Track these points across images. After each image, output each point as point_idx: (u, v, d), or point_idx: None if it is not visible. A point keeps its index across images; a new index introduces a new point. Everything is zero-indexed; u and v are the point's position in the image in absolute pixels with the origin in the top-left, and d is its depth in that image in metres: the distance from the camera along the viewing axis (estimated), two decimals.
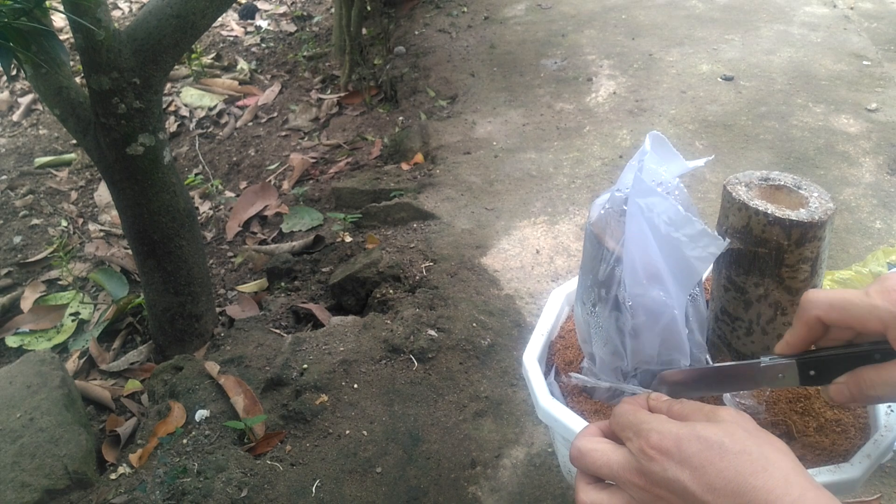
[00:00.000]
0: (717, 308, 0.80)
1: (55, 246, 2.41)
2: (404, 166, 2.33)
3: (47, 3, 1.19)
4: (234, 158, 2.81)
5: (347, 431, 1.33)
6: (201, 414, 1.38)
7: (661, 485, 0.52)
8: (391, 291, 1.72)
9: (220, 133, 2.99)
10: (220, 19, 3.70)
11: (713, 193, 1.96)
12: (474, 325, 1.54)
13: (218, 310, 1.91)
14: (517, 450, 1.29)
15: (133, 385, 1.78)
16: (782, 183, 0.75)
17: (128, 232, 1.67)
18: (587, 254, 0.77)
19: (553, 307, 0.95)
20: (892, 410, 0.74)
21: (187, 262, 1.69)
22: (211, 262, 2.26)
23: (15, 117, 3.23)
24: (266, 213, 2.40)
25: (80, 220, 2.61)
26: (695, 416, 0.56)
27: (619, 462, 0.56)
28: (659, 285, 0.69)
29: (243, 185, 2.63)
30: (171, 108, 3.12)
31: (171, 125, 3.04)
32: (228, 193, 2.60)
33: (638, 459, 0.54)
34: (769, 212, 0.69)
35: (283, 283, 1.96)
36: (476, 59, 2.90)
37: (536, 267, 1.76)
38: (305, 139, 2.83)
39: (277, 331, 1.73)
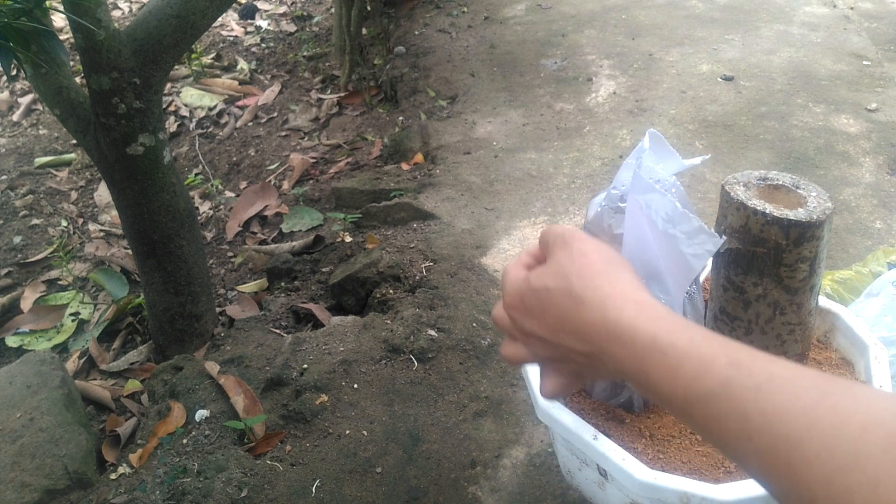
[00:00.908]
0: (715, 308, 0.80)
1: (55, 246, 2.41)
2: (404, 166, 2.33)
3: (47, 3, 1.19)
4: (234, 158, 2.81)
5: (347, 431, 1.33)
6: (201, 414, 1.38)
7: (527, 335, 0.56)
8: (391, 291, 1.72)
9: (220, 133, 2.99)
10: (220, 19, 3.70)
11: (713, 193, 1.96)
12: (474, 325, 1.54)
13: (218, 310, 1.91)
14: (517, 450, 1.29)
15: (133, 385, 1.78)
16: (781, 183, 0.75)
17: (128, 232, 1.67)
18: None
19: None
20: None
21: (187, 262, 1.69)
22: (211, 262, 2.26)
23: (15, 117, 3.23)
24: (266, 213, 2.40)
25: (80, 220, 2.61)
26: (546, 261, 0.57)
27: (503, 318, 0.59)
28: (657, 284, 0.69)
29: (243, 185, 2.63)
30: (171, 108, 3.12)
31: (171, 125, 3.04)
32: (228, 193, 2.60)
33: (511, 319, 0.58)
34: (767, 211, 0.69)
35: (283, 283, 1.96)
36: (476, 59, 2.90)
37: None
38: (305, 139, 2.83)
39: (277, 331, 1.73)
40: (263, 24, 3.84)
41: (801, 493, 0.37)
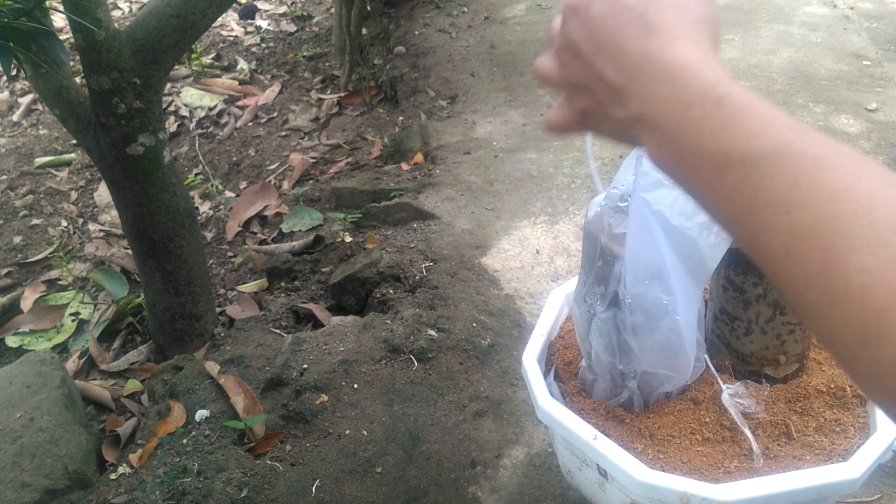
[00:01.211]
0: (715, 308, 0.80)
1: (55, 246, 2.41)
2: (404, 166, 2.33)
3: (47, 3, 1.19)
4: (234, 158, 2.81)
5: (347, 431, 1.33)
6: (201, 414, 1.38)
7: (565, 46, 0.50)
8: (391, 291, 1.72)
9: (220, 133, 2.99)
10: (220, 19, 3.70)
11: None
12: (474, 325, 1.54)
13: (218, 310, 1.91)
14: (517, 450, 1.29)
15: (133, 385, 1.78)
16: None
17: (128, 232, 1.67)
18: (585, 252, 0.77)
19: (553, 307, 0.95)
20: None
21: (187, 262, 1.69)
22: (211, 262, 2.26)
23: (15, 117, 3.23)
24: (266, 213, 2.40)
25: (80, 220, 2.61)
26: None
27: (557, 39, 0.53)
28: (662, 286, 0.68)
29: (243, 185, 2.63)
30: (171, 108, 3.12)
31: (171, 125, 3.04)
32: (228, 193, 2.60)
33: (561, 31, 0.52)
34: None
35: (283, 283, 1.96)
36: (476, 59, 2.90)
37: (536, 267, 1.76)
38: (305, 139, 2.83)
39: (277, 331, 1.73)
40: (263, 24, 3.84)
41: (830, 282, 0.33)
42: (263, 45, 3.61)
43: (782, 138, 0.37)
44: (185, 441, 1.33)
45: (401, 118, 2.68)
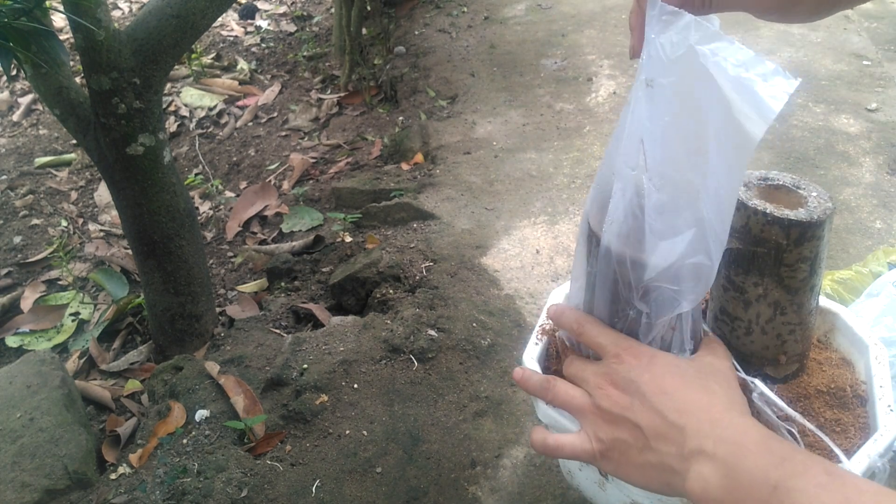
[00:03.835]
0: (716, 308, 0.80)
1: (55, 246, 2.41)
2: (404, 166, 2.33)
3: (47, 3, 1.19)
4: (234, 158, 2.81)
5: (347, 431, 1.33)
6: (201, 414, 1.38)
7: (617, 384, 0.59)
8: (391, 291, 1.72)
9: (220, 133, 2.99)
10: (220, 19, 3.70)
11: None
12: (474, 325, 1.54)
13: (218, 310, 1.91)
14: (517, 450, 1.29)
15: (133, 385, 1.78)
16: (781, 182, 0.75)
17: (128, 232, 1.67)
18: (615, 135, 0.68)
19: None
20: (892, 410, 0.74)
21: (187, 262, 1.69)
22: (211, 262, 2.26)
23: (15, 117, 3.23)
24: (266, 213, 2.40)
25: (80, 220, 2.61)
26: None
27: (593, 370, 0.63)
28: (696, 162, 0.62)
29: (243, 185, 2.63)
30: (171, 108, 3.12)
31: (171, 125, 3.04)
32: (228, 193, 2.60)
33: (607, 364, 0.60)
34: (768, 211, 0.69)
35: (283, 283, 1.96)
36: (476, 59, 2.90)
37: (536, 267, 1.76)
38: (305, 139, 2.83)
39: (277, 331, 1.73)
40: (263, 24, 3.84)
41: None
42: (263, 45, 3.61)
43: (819, 479, 0.47)
44: (185, 441, 1.33)
45: (401, 118, 2.68)
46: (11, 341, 1.99)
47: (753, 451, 0.51)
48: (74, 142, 3.00)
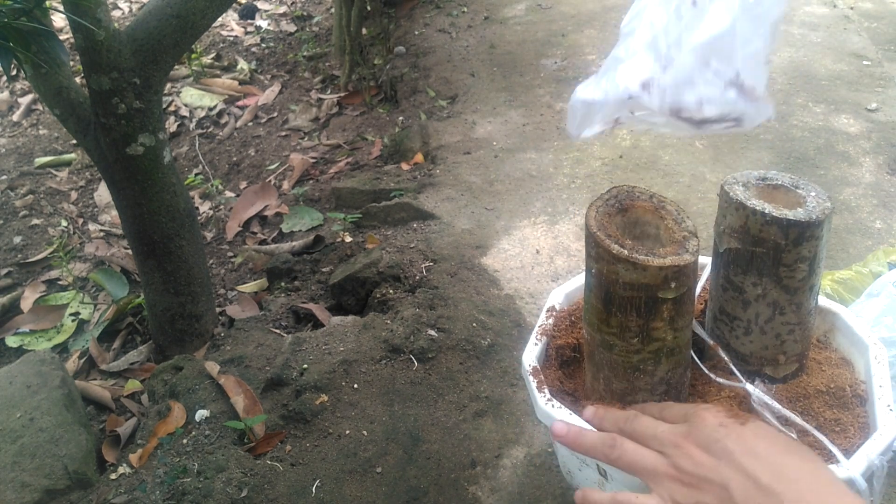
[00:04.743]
0: (715, 308, 0.80)
1: (55, 246, 2.41)
2: (404, 166, 2.33)
3: (47, 3, 1.19)
4: (234, 158, 2.81)
5: (347, 431, 1.33)
6: (201, 414, 1.38)
7: (708, 449, 0.54)
8: (391, 291, 1.72)
9: (220, 133, 2.99)
10: (220, 19, 3.70)
11: (713, 193, 1.96)
12: (474, 325, 1.54)
13: (218, 310, 1.91)
14: (517, 450, 1.29)
15: (133, 385, 1.78)
16: (780, 182, 0.75)
17: (128, 232, 1.67)
18: None
19: (552, 307, 0.95)
20: (891, 409, 0.74)
21: (187, 262, 1.69)
22: (211, 262, 2.26)
23: (15, 117, 3.23)
24: (266, 213, 2.40)
25: (80, 220, 2.61)
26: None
27: (668, 429, 0.58)
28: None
29: (243, 185, 2.63)
30: (171, 108, 3.12)
31: (171, 125, 3.04)
32: (228, 193, 2.60)
33: (686, 424, 0.56)
34: (766, 211, 0.69)
35: (283, 283, 1.96)
36: (476, 59, 2.90)
37: (536, 267, 1.76)
38: (305, 139, 2.83)
39: (277, 331, 1.73)
40: (263, 24, 3.84)
41: None
42: (263, 45, 3.61)
43: None
44: (185, 441, 1.33)
45: (401, 118, 2.68)
46: (11, 341, 2.00)
47: None
48: (74, 142, 3.00)
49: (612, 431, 0.63)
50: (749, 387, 0.74)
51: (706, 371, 0.78)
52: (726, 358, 0.77)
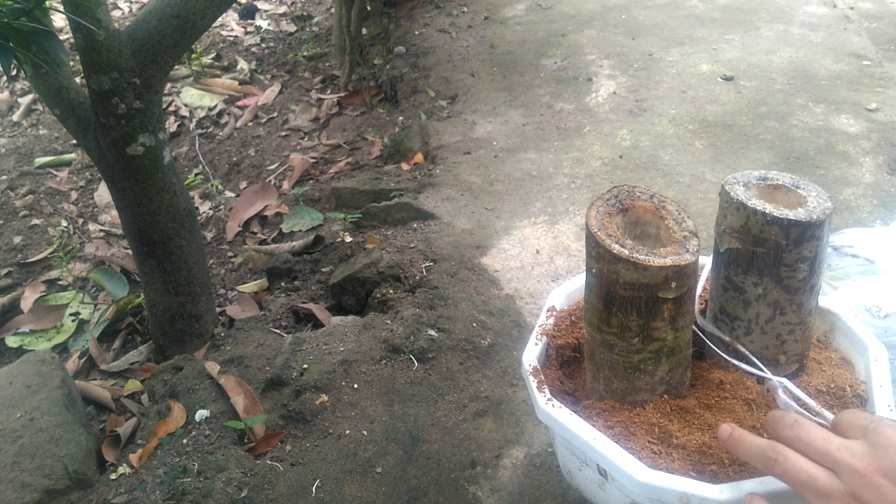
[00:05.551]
0: (715, 308, 0.80)
1: (55, 246, 2.41)
2: (404, 166, 2.33)
3: (47, 3, 1.19)
4: (234, 158, 2.81)
5: (347, 431, 1.33)
6: (201, 414, 1.38)
7: (889, 475, 0.48)
8: (391, 291, 1.72)
9: (220, 133, 2.99)
10: (220, 19, 3.70)
11: (713, 193, 1.96)
12: (474, 325, 1.54)
13: (218, 310, 1.91)
14: (517, 450, 1.29)
15: (133, 385, 1.78)
16: (780, 182, 0.75)
17: (128, 232, 1.67)
18: None
19: (552, 307, 0.95)
20: (891, 409, 0.74)
21: (187, 262, 1.69)
22: (211, 262, 2.26)
23: (15, 117, 3.23)
24: (266, 213, 2.40)
25: (80, 220, 2.61)
26: None
27: (846, 448, 0.52)
28: None
29: (243, 185, 2.63)
30: (171, 108, 3.12)
31: (171, 125, 3.04)
32: (228, 193, 2.60)
33: (868, 444, 0.50)
34: (767, 211, 0.69)
35: (283, 283, 1.96)
36: (476, 59, 2.90)
37: (536, 267, 1.76)
38: (305, 139, 2.83)
39: (277, 331, 1.73)
40: (263, 24, 3.84)
41: None
42: (263, 45, 3.61)
43: None
44: (185, 441, 1.33)
45: (401, 118, 2.68)
46: (11, 341, 1.99)
47: None
48: (74, 142, 3.00)
49: (770, 437, 0.57)
50: (776, 379, 0.73)
51: (733, 361, 0.76)
52: (746, 352, 0.77)
